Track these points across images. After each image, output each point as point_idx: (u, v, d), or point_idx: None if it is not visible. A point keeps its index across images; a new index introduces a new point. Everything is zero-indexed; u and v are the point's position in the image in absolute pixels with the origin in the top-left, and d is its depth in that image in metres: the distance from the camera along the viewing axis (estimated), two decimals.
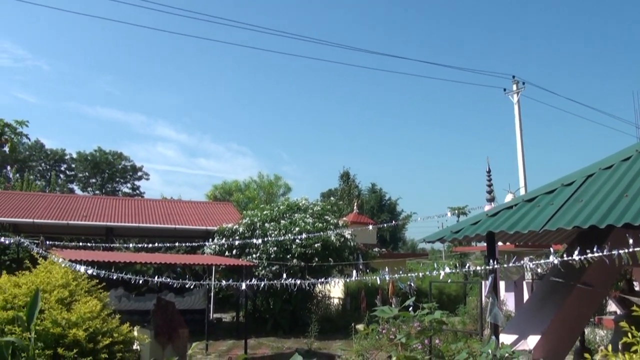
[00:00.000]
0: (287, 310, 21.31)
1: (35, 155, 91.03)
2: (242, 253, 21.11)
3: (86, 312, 8.17)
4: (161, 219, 25.45)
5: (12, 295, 8.74)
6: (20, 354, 7.08)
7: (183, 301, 20.25)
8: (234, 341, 18.88)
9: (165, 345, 13.40)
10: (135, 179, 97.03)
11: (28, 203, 26.47)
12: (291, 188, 52.34)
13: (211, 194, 50.60)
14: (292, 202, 24.12)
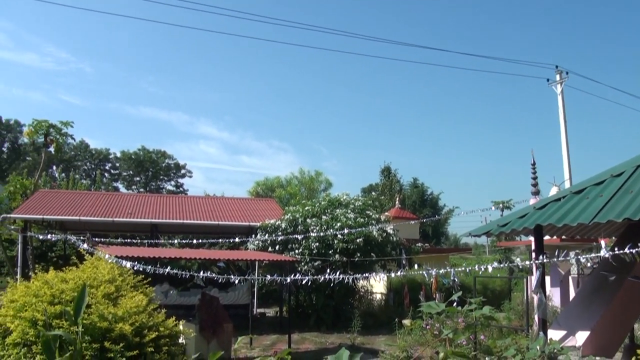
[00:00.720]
0: (329, 306, 21.29)
1: (81, 155, 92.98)
2: (284, 249, 21.16)
3: (132, 306, 8.27)
4: (205, 216, 25.67)
5: (60, 290, 8.90)
6: (67, 347, 7.19)
7: (227, 296, 20.42)
8: (277, 336, 18.95)
9: (210, 339, 13.53)
10: (179, 176, 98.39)
11: (74, 201, 26.99)
12: (332, 184, 52.38)
13: (253, 190, 50.90)
14: (333, 197, 24.08)
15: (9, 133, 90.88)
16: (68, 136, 31.80)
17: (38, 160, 65.44)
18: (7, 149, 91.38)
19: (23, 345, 8.48)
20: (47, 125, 30.51)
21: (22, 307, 8.94)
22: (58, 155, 35.87)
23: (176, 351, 8.49)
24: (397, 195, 40.43)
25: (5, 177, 54.83)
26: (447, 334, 4.40)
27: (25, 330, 8.38)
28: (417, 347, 15.43)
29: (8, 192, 30.09)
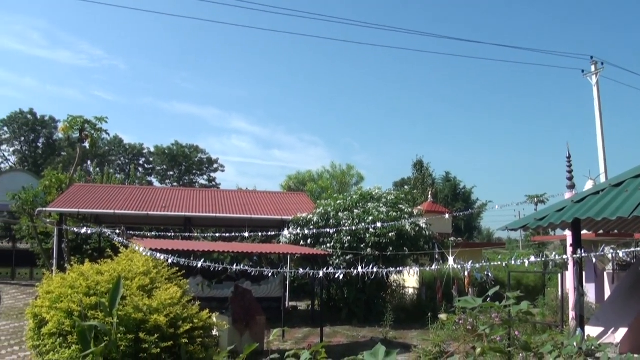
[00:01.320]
0: (361, 300, 21.22)
1: (115, 150, 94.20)
2: (316, 242, 21.14)
3: (167, 298, 8.32)
4: (237, 209, 25.77)
5: (95, 282, 9.00)
6: (102, 337, 7.26)
7: (259, 289, 20.49)
8: (309, 329, 18.96)
9: (243, 331, 13.58)
10: (211, 171, 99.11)
11: (109, 195, 27.31)
12: (364, 177, 52.15)
13: (285, 184, 51.00)
14: (365, 191, 23.96)
15: (44, 129, 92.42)
16: (102, 131, 32.28)
17: (73, 155, 66.46)
18: (43, 145, 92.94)
19: (59, 335, 8.60)
20: (82, 121, 31.00)
21: (58, 298, 9.06)
22: (93, 150, 36.45)
23: (210, 343, 8.53)
24: (430, 189, 40.09)
25: (40, 172, 55.73)
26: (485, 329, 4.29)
27: (61, 321, 8.50)
28: (450, 342, 15.31)
29: (44, 186, 30.63)
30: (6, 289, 29.47)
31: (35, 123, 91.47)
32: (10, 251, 36.16)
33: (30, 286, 30.18)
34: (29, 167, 77.63)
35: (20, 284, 32.34)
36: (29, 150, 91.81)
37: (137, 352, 7.51)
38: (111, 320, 7.43)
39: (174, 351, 7.72)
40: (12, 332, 17.45)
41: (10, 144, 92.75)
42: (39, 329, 9.56)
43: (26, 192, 29.93)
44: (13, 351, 14.53)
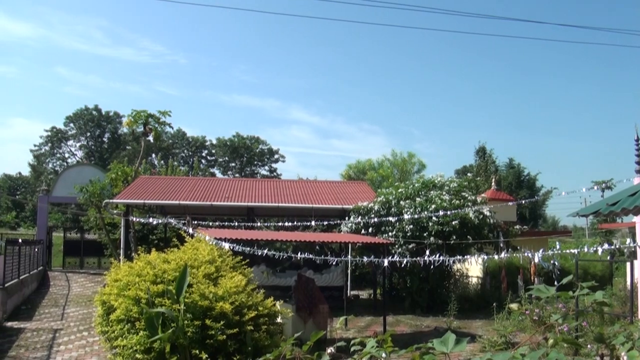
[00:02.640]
0: (424, 289, 21.00)
1: (178, 143, 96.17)
2: (378, 231, 21.00)
3: (232, 286, 8.40)
4: (298, 199, 25.85)
5: (162, 270, 9.16)
6: (169, 324, 7.38)
7: (321, 278, 20.54)
8: (371, 318, 18.89)
9: (307, 319, 13.62)
10: (272, 161, 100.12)
11: (173, 186, 27.82)
12: (425, 165, 51.48)
13: (346, 173, 50.89)
14: (427, 179, 23.65)
15: (109, 124, 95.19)
16: (166, 125, 32.88)
17: (137, 148, 68.13)
18: (108, 139, 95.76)
19: (127, 321, 8.79)
20: (146, 115, 31.66)
21: (126, 286, 9.26)
22: (157, 143, 37.25)
23: (274, 330, 8.57)
24: (493, 176, 39.31)
25: (106, 165, 57.34)
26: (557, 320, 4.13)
27: (128, 308, 8.68)
28: (516, 332, 15.00)
29: (110, 179, 31.44)
30: (75, 278, 30.46)
31: (100, 119, 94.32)
32: (78, 241, 37.31)
33: (98, 275, 31.14)
34: (95, 161, 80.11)
35: (89, 272, 33.37)
36: (94, 145, 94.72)
37: (203, 339, 7.60)
38: (178, 307, 7.54)
39: (239, 338, 7.79)
40: (80, 319, 18.02)
41: (76, 139, 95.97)
42: (108, 316, 9.82)
43: (93, 184, 30.79)
44: (82, 336, 14.99)
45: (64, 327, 16.49)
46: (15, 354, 12.73)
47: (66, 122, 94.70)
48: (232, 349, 7.64)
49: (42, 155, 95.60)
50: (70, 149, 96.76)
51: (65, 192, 34.68)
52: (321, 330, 4.50)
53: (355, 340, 3.85)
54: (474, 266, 23.95)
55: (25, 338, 14.66)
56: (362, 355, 3.49)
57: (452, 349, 2.97)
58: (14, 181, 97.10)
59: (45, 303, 21.77)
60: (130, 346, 8.22)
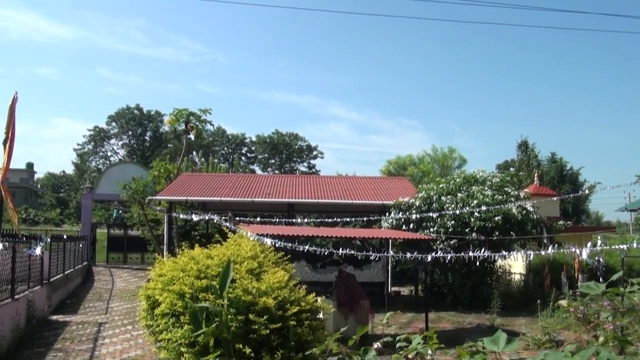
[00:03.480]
0: (466, 285, 20.78)
1: (218, 141, 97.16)
2: (419, 227, 20.84)
3: (274, 282, 8.42)
4: (338, 195, 25.82)
5: (205, 266, 9.24)
6: (213, 318, 7.43)
7: (362, 274, 20.49)
8: (413, 314, 18.79)
9: (348, 315, 13.61)
10: (311, 157, 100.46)
11: (215, 183, 28.09)
12: (466, 160, 50.95)
13: (385, 169, 50.67)
14: (468, 174, 23.36)
15: (151, 123, 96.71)
16: (207, 122, 33.23)
17: (179, 146, 69.00)
18: (149, 138, 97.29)
19: (171, 315, 8.90)
20: (187, 113, 32.05)
21: (170, 280, 9.37)
22: (198, 141, 37.69)
23: (317, 326, 8.57)
24: (536, 171, 38.63)
25: (148, 163, 58.18)
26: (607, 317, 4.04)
27: (173, 302, 8.78)
28: (560, 330, 14.77)
29: (153, 176, 31.91)
30: (118, 273, 31.02)
31: (141, 117, 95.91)
32: (122, 238, 38.01)
33: (141, 270, 31.67)
34: (137, 159, 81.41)
35: (132, 268, 33.95)
36: (136, 143, 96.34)
37: (247, 333, 7.64)
38: (222, 302, 7.58)
39: (282, 333, 7.81)
40: (124, 313, 18.33)
41: (119, 138, 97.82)
42: (152, 310, 9.95)
43: (136, 182, 31.28)
44: (126, 330, 15.25)
45: (108, 320, 16.80)
46: (61, 346, 13.01)
47: (108, 122, 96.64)
48: (275, 343, 7.67)
49: (85, 154, 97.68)
50: (112, 148, 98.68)
51: (109, 190, 35.36)
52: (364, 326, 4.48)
53: (401, 337, 3.83)
54: (516, 262, 23.61)
55: (71, 331, 14.98)
56: (409, 351, 3.46)
57: (504, 348, 2.92)
58: (58, 179, 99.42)
59: (90, 297, 22.21)
60: (174, 340, 8.32)
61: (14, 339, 12.61)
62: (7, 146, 10.45)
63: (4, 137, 10.52)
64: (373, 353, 3.28)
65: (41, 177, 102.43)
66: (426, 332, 3.81)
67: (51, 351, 12.52)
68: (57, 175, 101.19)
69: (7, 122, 10.50)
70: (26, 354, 12.16)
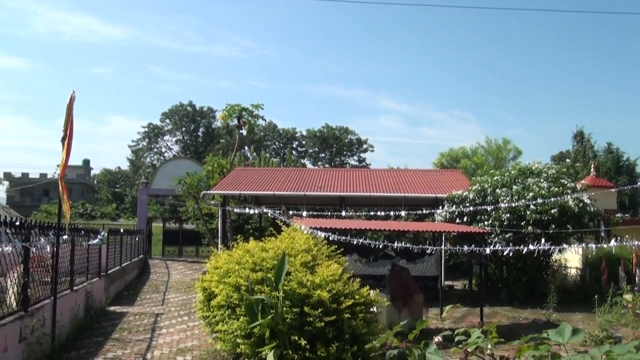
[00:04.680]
0: (521, 280, 20.41)
1: (270, 135, 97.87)
2: (473, 220, 20.55)
3: (329, 275, 8.46)
4: (390, 188, 25.70)
5: (261, 258, 9.35)
6: (269, 310, 7.51)
7: (415, 268, 20.34)
8: (467, 308, 18.54)
9: (401, 309, 13.54)
10: (361, 151, 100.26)
11: (267, 177, 28.31)
12: (521, 152, 49.97)
13: (438, 161, 50.11)
14: (523, 166, 22.87)
15: (203, 119, 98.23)
16: (259, 117, 33.53)
17: (231, 142, 69.74)
18: (202, 133, 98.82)
19: (227, 307, 9.04)
20: (240, 109, 32.41)
21: (226, 273, 9.51)
22: (250, 136, 38.06)
23: (371, 319, 8.57)
24: (592, 162, 37.66)
25: (201, 158, 59.00)
26: None
27: (229, 294, 8.92)
28: (618, 326, 14.39)
29: (206, 171, 32.37)
30: (174, 265, 31.61)
31: (194, 114, 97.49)
32: (177, 231, 38.71)
33: (196, 263, 32.21)
34: (191, 155, 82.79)
35: (187, 260, 34.55)
36: (190, 139, 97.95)
37: (301, 325, 7.70)
38: (277, 295, 7.67)
39: (336, 325, 7.84)
40: (180, 304, 18.66)
41: (172, 134, 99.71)
42: (208, 302, 10.12)
43: (191, 177, 31.78)
44: (182, 321, 15.52)
45: (164, 311, 17.12)
46: (119, 336, 13.32)
47: (162, 118, 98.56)
48: (329, 336, 7.71)
49: (139, 150, 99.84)
50: (166, 144, 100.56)
51: (164, 185, 36.03)
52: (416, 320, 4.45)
53: (459, 330, 3.79)
54: (572, 256, 23.10)
55: (128, 321, 15.33)
56: (469, 345, 3.43)
57: (569, 339, 2.86)
58: (113, 175, 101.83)
59: (146, 289, 22.69)
60: (231, 331, 8.44)
61: (73, 328, 12.98)
62: (66, 144, 10.71)
63: (62, 135, 10.78)
64: (434, 347, 3.26)
65: (97, 173, 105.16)
66: (485, 325, 3.77)
67: (109, 340, 12.83)
68: (113, 171, 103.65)
69: (65, 120, 10.76)
70: (85, 343, 12.49)
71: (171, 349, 12.03)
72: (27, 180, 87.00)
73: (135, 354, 11.59)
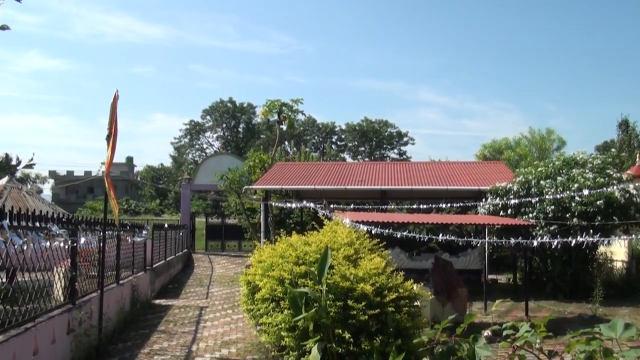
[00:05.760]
0: (566, 273, 20.06)
1: (309, 130, 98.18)
2: (517, 212, 20.26)
3: (372, 268, 8.45)
4: (431, 181, 25.50)
5: (304, 252, 9.39)
6: (312, 304, 7.54)
7: (458, 261, 20.17)
8: (511, 303, 18.33)
9: (445, 303, 13.47)
10: (401, 144, 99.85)
11: (308, 171, 28.42)
12: (565, 142, 49.08)
13: (480, 153, 49.55)
14: (568, 156, 22.41)
15: (244, 115, 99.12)
16: (299, 112, 33.67)
17: (271, 137, 70.19)
18: (243, 129, 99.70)
19: (271, 300, 9.13)
20: (280, 104, 32.59)
21: (270, 267, 9.60)
22: (290, 130, 38.25)
23: (415, 312, 8.53)
24: (638, 152, 36.64)
25: (242, 154, 59.47)
26: None
27: (273, 288, 9.01)
28: None
29: (248, 166, 32.67)
30: (217, 260, 31.99)
31: (235, 110, 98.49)
32: (219, 226, 39.23)
33: (239, 257, 32.54)
34: (232, 150, 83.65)
35: (230, 255, 34.93)
36: (230, 135, 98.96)
37: (345, 318, 7.71)
38: (320, 288, 7.69)
39: (380, 319, 7.83)
40: (224, 297, 18.88)
41: (213, 131, 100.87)
42: (252, 295, 10.24)
43: (232, 172, 32.08)
44: (227, 314, 15.70)
45: (208, 305, 17.35)
46: (165, 328, 13.56)
47: (203, 115, 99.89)
48: (373, 329, 7.70)
49: (182, 147, 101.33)
50: (207, 140, 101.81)
51: (206, 180, 36.51)
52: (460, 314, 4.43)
53: (507, 324, 3.76)
54: (618, 249, 22.61)
55: (173, 314, 15.58)
56: (520, 339, 3.40)
57: (622, 334, 2.82)
58: (156, 172, 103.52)
59: (191, 283, 23.02)
60: (275, 324, 8.52)
61: (120, 320, 13.27)
62: (111, 141, 10.93)
63: (107, 133, 11.00)
64: (483, 341, 3.24)
65: (140, 170, 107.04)
66: (533, 320, 3.73)
67: (155, 332, 13.07)
68: (156, 167, 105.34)
69: (110, 119, 10.99)
70: (131, 335, 12.75)
71: (216, 341, 12.19)
72: (72, 178, 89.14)
73: (180, 345, 11.79)
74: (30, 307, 8.37)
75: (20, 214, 7.88)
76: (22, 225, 7.88)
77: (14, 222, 7.59)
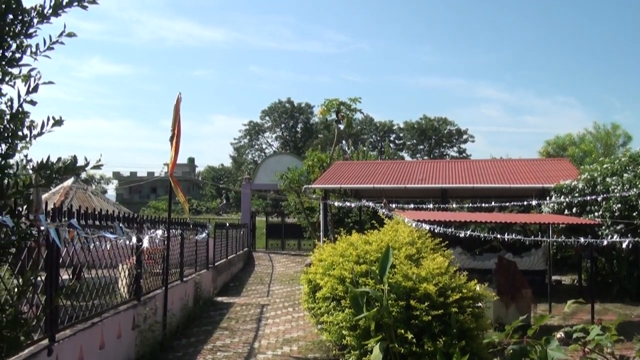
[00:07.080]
0: (633, 275, 19.36)
1: (366, 129, 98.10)
2: (582, 211, 19.68)
3: (434, 268, 8.35)
4: (493, 179, 25.03)
5: (364, 251, 9.38)
6: (374, 303, 7.51)
7: (521, 262, 19.74)
8: (576, 305, 17.84)
9: (509, 304, 13.20)
10: (461, 142, 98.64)
11: (367, 170, 28.35)
12: (631, 137, 47.52)
13: (544, 150, 48.43)
14: (634, 152, 21.60)
15: (301, 115, 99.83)
16: (356, 111, 33.66)
17: (329, 136, 70.35)
18: (301, 129, 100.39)
19: (332, 299, 9.14)
20: (338, 103, 32.67)
21: (330, 265, 9.62)
22: (347, 129, 38.31)
23: (479, 313, 8.40)
24: None
25: (301, 153, 59.78)
26: None
27: (334, 286, 9.01)
28: None
29: (307, 165, 32.84)
30: (277, 258, 32.31)
31: (293, 110, 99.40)
32: (279, 225, 39.70)
33: (298, 256, 32.75)
34: (290, 150, 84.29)
35: (289, 253, 35.21)
36: (289, 135, 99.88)
37: (407, 319, 7.65)
38: (382, 287, 7.65)
39: (444, 319, 7.72)
40: (285, 296, 19.01)
41: (272, 131, 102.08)
42: (313, 293, 10.28)
43: (292, 171, 32.32)
44: (287, 312, 15.81)
45: (269, 302, 17.51)
46: (227, 325, 13.77)
47: (262, 116, 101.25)
48: (437, 330, 7.60)
49: (241, 147, 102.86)
50: (267, 140, 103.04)
51: (266, 180, 36.93)
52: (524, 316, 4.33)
53: (577, 327, 3.67)
54: None
55: (235, 311, 15.79)
56: (593, 342, 3.31)
57: None
58: (217, 172, 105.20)
59: (252, 281, 23.28)
60: (336, 322, 8.53)
61: (183, 317, 13.54)
62: (174, 142, 11.16)
63: (170, 135, 11.24)
64: (556, 343, 3.16)
65: (201, 171, 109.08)
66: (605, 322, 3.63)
67: (218, 329, 13.29)
68: (216, 168, 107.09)
69: (173, 121, 11.22)
70: (194, 331, 13.01)
71: (277, 339, 12.28)
72: (136, 178, 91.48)
73: (243, 342, 11.93)
74: (97, 303, 8.62)
75: (87, 213, 8.12)
76: (89, 224, 8.11)
77: (81, 221, 7.81)
